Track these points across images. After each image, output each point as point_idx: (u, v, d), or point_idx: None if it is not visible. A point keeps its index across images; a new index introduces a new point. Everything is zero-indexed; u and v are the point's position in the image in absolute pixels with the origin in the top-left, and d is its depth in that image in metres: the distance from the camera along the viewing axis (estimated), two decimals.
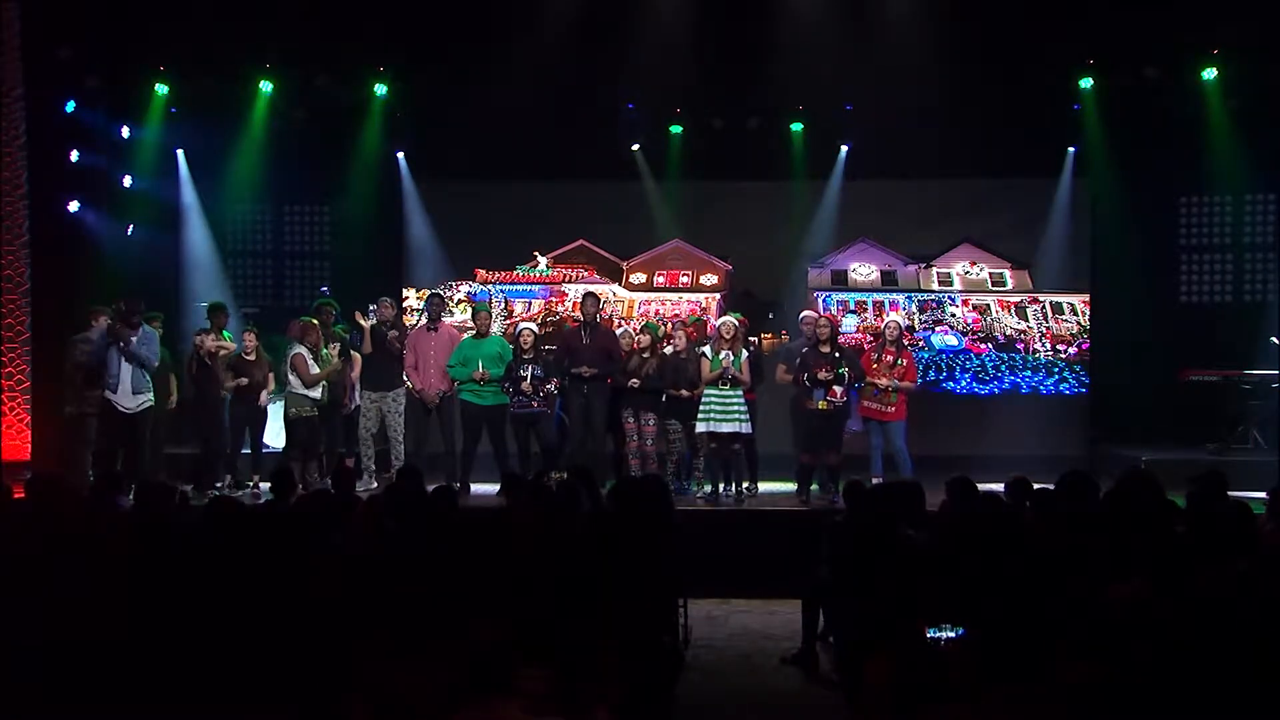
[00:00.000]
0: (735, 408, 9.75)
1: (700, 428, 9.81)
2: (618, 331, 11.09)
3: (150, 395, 10.13)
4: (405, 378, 10.69)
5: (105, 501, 6.81)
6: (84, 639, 4.62)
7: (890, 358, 10.23)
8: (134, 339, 9.99)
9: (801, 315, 10.83)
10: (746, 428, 9.83)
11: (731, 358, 9.73)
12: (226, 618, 4.76)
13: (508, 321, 13.27)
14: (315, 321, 10.50)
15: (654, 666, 5.34)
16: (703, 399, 9.81)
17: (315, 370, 10.24)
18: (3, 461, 10.91)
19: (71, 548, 5.53)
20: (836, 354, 9.92)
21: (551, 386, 10.33)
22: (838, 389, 9.69)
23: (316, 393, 10.29)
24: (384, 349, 10.59)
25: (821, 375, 9.69)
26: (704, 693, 6.63)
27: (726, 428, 9.73)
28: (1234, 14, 10.93)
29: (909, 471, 9.81)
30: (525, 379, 10.18)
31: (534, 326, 10.84)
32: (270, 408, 11.90)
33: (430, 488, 7.12)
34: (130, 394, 10.02)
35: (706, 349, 9.98)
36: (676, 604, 6.88)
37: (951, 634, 4.81)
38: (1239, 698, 4.13)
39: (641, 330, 10.58)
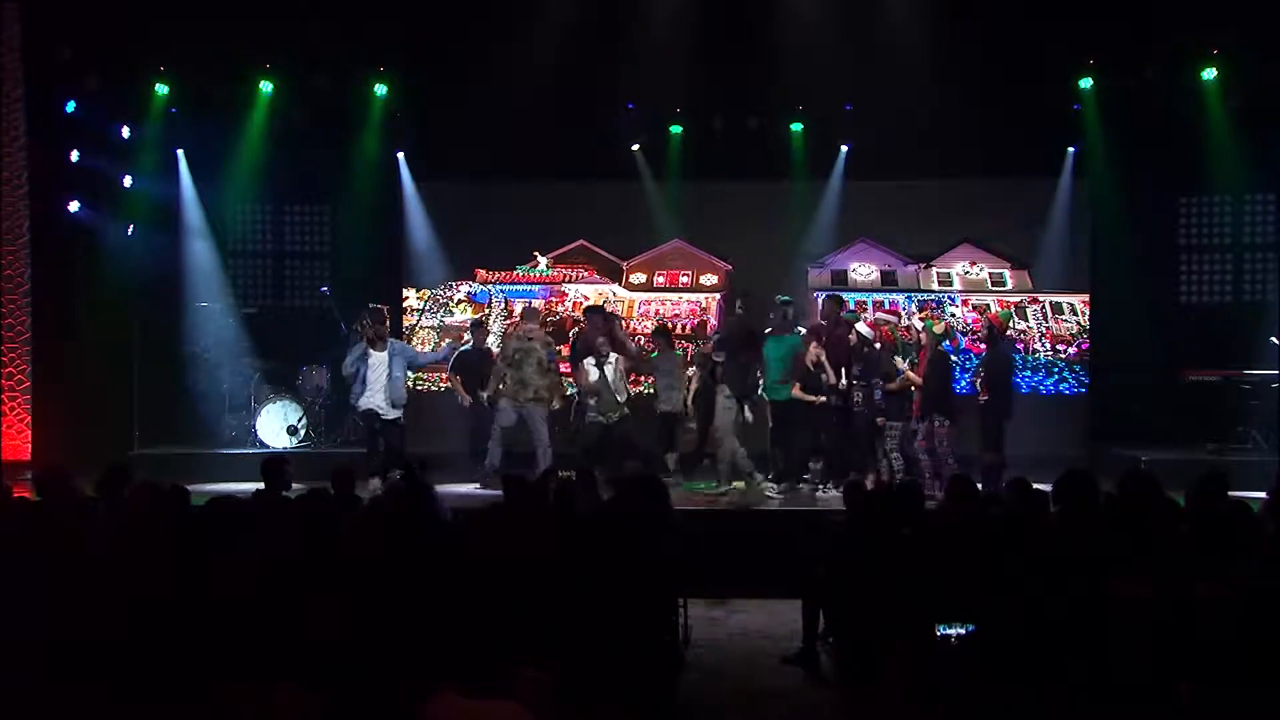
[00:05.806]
0: None
1: None
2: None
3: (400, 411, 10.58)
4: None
5: (109, 500, 6.81)
6: (83, 639, 4.62)
7: None
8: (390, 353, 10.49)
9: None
10: None
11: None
12: (226, 617, 4.75)
13: (508, 321, 13.26)
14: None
15: (654, 666, 5.34)
16: None
17: (593, 378, 10.69)
18: (3, 461, 10.92)
19: (71, 545, 5.53)
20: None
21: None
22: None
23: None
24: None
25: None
26: (704, 693, 6.63)
27: None
28: (1234, 14, 10.94)
29: None
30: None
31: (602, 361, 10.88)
32: (270, 408, 11.94)
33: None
34: (389, 405, 10.45)
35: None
36: (676, 604, 6.88)
37: (955, 633, 4.81)
38: (1239, 697, 4.13)
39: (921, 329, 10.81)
